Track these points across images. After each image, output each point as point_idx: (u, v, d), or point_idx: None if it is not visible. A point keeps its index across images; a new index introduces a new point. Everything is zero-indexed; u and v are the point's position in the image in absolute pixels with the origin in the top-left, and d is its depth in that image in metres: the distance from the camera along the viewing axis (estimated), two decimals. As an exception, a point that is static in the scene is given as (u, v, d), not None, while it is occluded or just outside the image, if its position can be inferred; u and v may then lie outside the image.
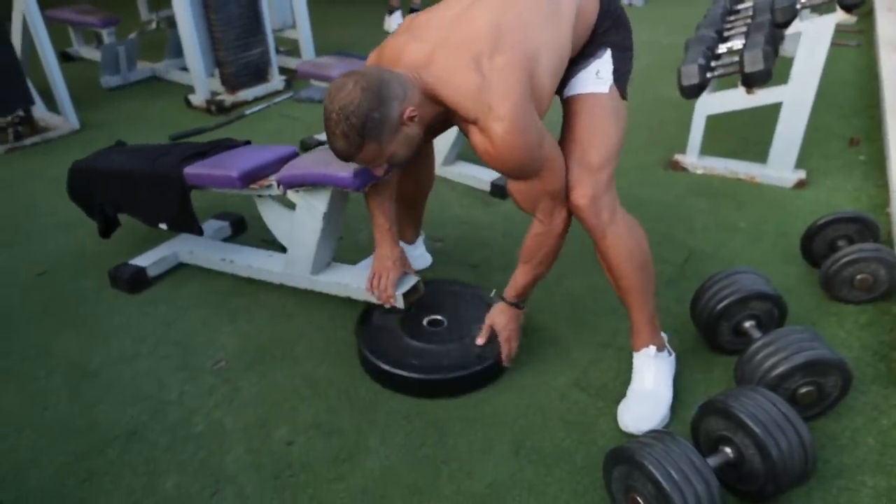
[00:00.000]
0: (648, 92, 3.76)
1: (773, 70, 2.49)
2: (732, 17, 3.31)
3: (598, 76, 1.54)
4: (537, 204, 1.51)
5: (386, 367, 1.66)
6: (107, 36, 4.08)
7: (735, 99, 2.63)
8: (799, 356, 1.42)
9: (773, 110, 2.63)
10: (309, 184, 1.69)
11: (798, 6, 2.56)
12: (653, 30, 5.07)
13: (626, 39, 1.59)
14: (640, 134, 3.22)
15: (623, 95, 1.57)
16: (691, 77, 2.63)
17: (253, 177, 1.81)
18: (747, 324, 1.68)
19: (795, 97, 2.53)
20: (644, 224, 1.60)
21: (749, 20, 3.00)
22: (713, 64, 2.75)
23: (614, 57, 1.55)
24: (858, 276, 1.86)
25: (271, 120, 3.53)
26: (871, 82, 3.73)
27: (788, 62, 2.57)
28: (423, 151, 1.89)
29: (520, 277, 1.66)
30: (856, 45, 4.39)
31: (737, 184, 2.71)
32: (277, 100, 3.74)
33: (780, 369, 1.43)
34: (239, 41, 3.60)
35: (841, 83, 3.72)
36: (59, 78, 3.29)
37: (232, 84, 3.65)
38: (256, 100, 3.74)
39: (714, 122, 2.79)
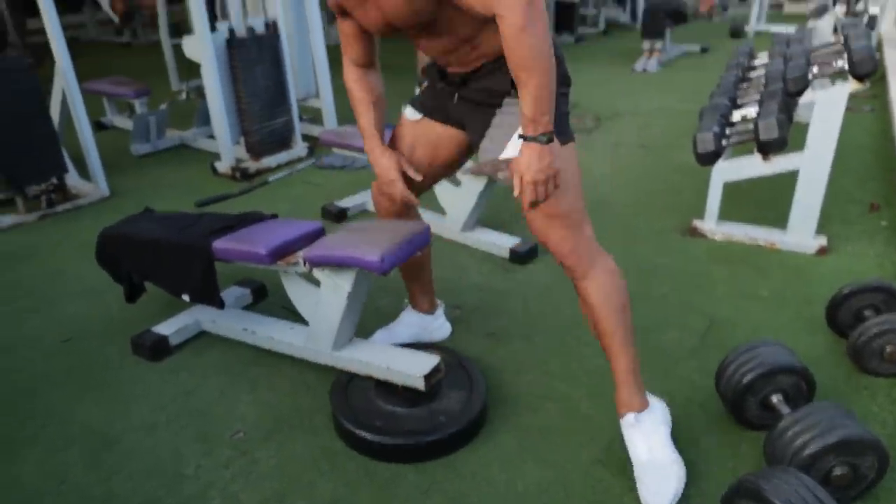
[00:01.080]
0: (664, 157, 3.80)
1: (787, 137, 2.53)
2: (745, 85, 3.38)
3: None
4: (488, 2, 1.30)
5: (348, 427, 1.70)
6: (139, 106, 4.26)
7: (751, 166, 2.66)
8: (831, 435, 1.38)
9: (791, 174, 2.64)
10: (335, 264, 1.72)
11: (810, 76, 2.61)
12: (666, 96, 5.18)
13: (561, 74, 1.47)
14: (657, 199, 3.24)
15: (568, 137, 1.50)
16: (707, 144, 2.67)
17: (280, 253, 1.85)
18: (774, 398, 1.65)
19: (812, 165, 2.54)
20: (664, 291, 1.61)
21: (762, 87, 3.06)
22: (728, 131, 2.79)
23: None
24: (888, 348, 1.82)
25: (294, 186, 3.61)
26: (887, 146, 3.75)
27: (803, 128, 2.60)
28: (408, 214, 1.88)
29: (522, 101, 1.38)
30: (869, 109, 4.44)
31: (757, 250, 2.70)
32: (300, 166, 3.85)
33: (812, 449, 1.38)
34: (264, 111, 3.73)
35: (856, 147, 3.75)
36: (92, 147, 3.43)
37: (256, 151, 3.77)
38: (280, 166, 3.84)
39: (731, 186, 2.80)
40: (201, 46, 3.46)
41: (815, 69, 2.63)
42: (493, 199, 2.91)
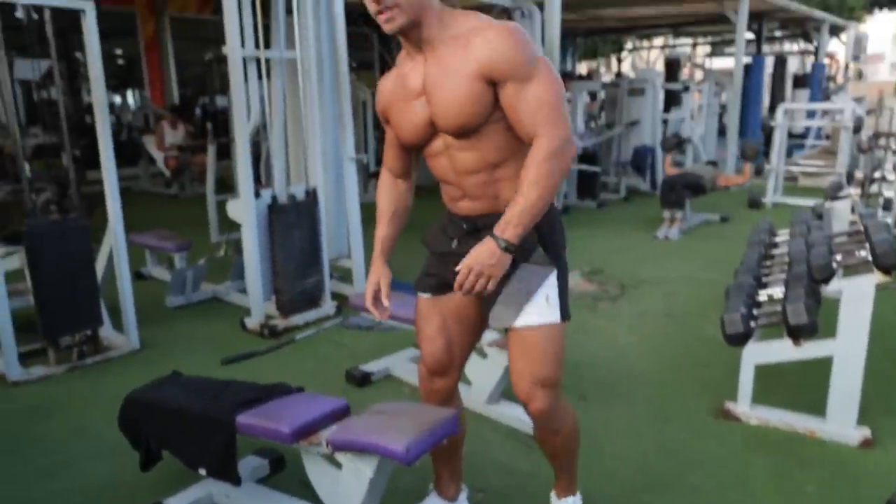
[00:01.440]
0: (691, 329, 3.78)
1: (817, 322, 2.51)
2: (769, 263, 3.42)
3: (548, 302, 1.62)
4: (537, 120, 1.47)
5: None
6: (178, 260, 4.46)
7: (783, 350, 2.62)
8: None
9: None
10: (358, 449, 1.69)
11: (834, 265, 2.65)
12: (689, 264, 5.25)
13: (564, 244, 1.70)
14: (685, 374, 3.18)
15: (567, 316, 1.70)
16: (735, 326, 2.65)
17: (304, 433, 1.83)
18: None
19: (846, 352, 2.50)
20: (697, 481, 1.58)
21: (786, 267, 3.09)
22: (755, 312, 2.78)
23: (559, 278, 1.64)
24: (954, 570, 1.66)
25: (320, 345, 3.64)
26: (920, 327, 3.69)
27: (832, 303, 2.57)
28: (451, 401, 1.91)
29: (510, 206, 1.50)
30: (897, 287, 4.43)
31: (796, 438, 2.57)
32: (327, 325, 3.90)
33: None
34: (298, 271, 3.87)
35: (888, 326, 3.69)
36: (129, 301, 3.53)
37: (286, 310, 3.84)
38: (307, 324, 3.90)
39: (764, 366, 2.74)
40: (244, 210, 3.68)
41: (838, 257, 2.68)
42: (518, 370, 2.88)
